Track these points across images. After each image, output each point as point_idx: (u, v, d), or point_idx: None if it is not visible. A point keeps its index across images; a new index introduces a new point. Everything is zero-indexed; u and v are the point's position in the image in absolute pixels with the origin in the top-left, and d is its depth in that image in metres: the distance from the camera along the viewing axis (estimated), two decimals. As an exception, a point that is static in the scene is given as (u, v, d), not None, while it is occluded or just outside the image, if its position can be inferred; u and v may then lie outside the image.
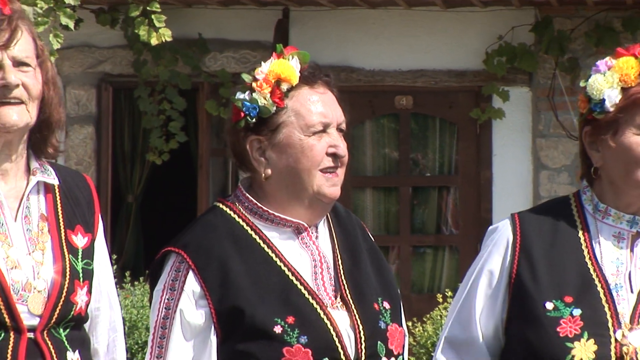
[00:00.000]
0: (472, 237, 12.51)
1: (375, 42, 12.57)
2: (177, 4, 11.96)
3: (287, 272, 4.53)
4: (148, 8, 11.47)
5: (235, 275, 4.51)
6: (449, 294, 11.03)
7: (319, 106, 4.55)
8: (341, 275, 4.58)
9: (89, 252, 4.46)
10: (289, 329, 4.46)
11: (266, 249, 4.55)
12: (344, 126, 4.53)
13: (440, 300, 10.96)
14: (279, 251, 4.54)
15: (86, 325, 4.50)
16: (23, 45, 4.28)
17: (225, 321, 4.46)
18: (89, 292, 4.44)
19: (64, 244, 4.43)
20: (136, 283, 11.07)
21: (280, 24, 12.38)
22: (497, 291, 4.57)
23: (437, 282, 12.52)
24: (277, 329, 4.41)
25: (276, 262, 4.54)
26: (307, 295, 4.50)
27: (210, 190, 12.75)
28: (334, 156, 4.51)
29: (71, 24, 11.04)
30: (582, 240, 4.55)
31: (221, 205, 4.55)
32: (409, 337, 5.22)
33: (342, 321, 4.48)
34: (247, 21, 12.50)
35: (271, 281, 4.51)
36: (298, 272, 4.50)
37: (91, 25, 12.11)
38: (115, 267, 11.24)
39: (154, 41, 11.49)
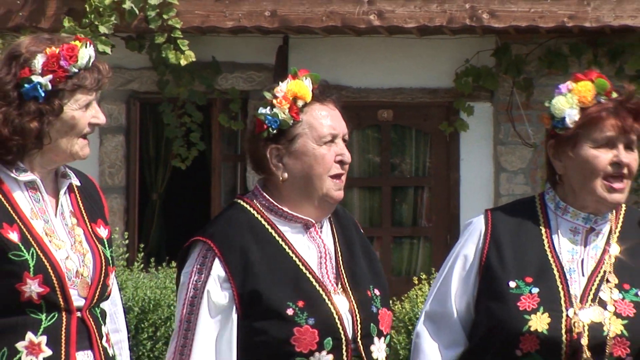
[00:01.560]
0: (443, 229, 12.57)
1: (361, 65, 12.57)
2: (194, 32, 12.04)
3: (297, 262, 4.46)
4: (172, 35, 11.78)
5: (254, 262, 4.44)
6: (424, 276, 11.02)
7: (329, 120, 4.53)
8: (341, 266, 4.49)
9: (110, 241, 4.48)
10: (299, 312, 4.42)
11: (280, 241, 4.48)
12: (347, 137, 4.54)
13: (416, 282, 10.91)
14: (290, 244, 4.48)
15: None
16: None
17: (245, 302, 4.42)
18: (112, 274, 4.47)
19: (92, 235, 4.40)
20: (159, 268, 11.29)
21: (281, 49, 12.46)
22: (469, 273, 4.56)
23: (413, 267, 12.41)
24: (290, 312, 4.38)
25: (288, 253, 4.47)
26: (314, 282, 4.44)
27: (222, 189, 12.74)
28: (341, 163, 4.49)
29: (107, 50, 11.48)
30: (543, 232, 4.54)
31: (241, 202, 4.53)
32: (389, 314, 5.42)
33: (342, 306, 4.43)
34: (253, 47, 12.55)
35: (284, 269, 4.45)
36: (307, 262, 4.45)
37: (121, 50, 12.08)
38: (142, 254, 11.22)
39: (182, 62, 11.79)
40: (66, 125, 4.27)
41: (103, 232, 4.44)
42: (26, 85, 4.23)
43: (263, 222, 4.48)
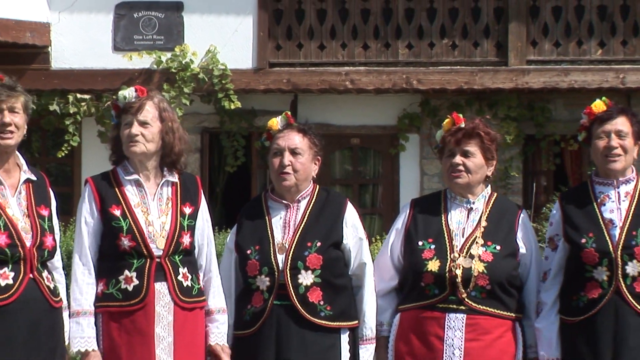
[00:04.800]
0: (390, 210, 12.48)
1: (341, 110, 12.63)
2: (241, 92, 12.24)
3: (267, 226, 4.65)
4: (227, 93, 12.07)
5: (247, 227, 4.66)
6: (378, 237, 11.14)
7: (279, 141, 4.66)
8: (298, 230, 4.62)
9: (192, 216, 4.53)
10: (253, 252, 4.58)
11: (265, 214, 4.67)
12: (297, 150, 4.64)
13: (374, 241, 10.90)
14: (270, 216, 4.68)
15: (196, 253, 4.57)
16: (145, 113, 4.44)
17: (236, 247, 4.65)
18: (192, 236, 4.52)
19: (179, 212, 4.48)
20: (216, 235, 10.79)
21: (292, 102, 12.61)
22: (398, 237, 4.73)
23: (372, 232, 11.88)
24: (248, 252, 4.60)
25: (266, 220, 4.66)
26: (269, 237, 4.61)
27: (258, 187, 12.64)
28: (280, 167, 4.64)
29: (188, 102, 12.15)
30: (441, 210, 4.69)
31: (262, 194, 4.81)
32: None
33: (280, 251, 4.58)
34: (276, 100, 12.44)
35: (257, 229, 4.64)
36: (272, 226, 4.64)
37: (197, 103, 12.43)
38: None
39: (232, 107, 12.12)
40: (122, 138, 4.49)
41: (187, 210, 4.50)
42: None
43: (263, 203, 4.71)
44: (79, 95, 12.12)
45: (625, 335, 4.47)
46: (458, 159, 4.59)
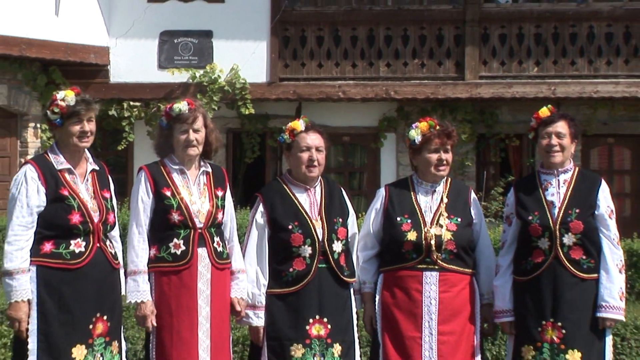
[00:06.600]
0: (373, 192, 9.45)
1: (335, 115, 12.44)
2: (257, 100, 12.20)
3: (297, 204, 4.54)
4: (245, 102, 11.98)
5: (276, 205, 4.53)
6: (363, 214, 9.99)
7: (307, 140, 4.55)
8: (323, 208, 4.55)
9: (222, 198, 4.51)
10: (294, 227, 4.47)
11: (291, 195, 4.56)
12: (320, 148, 4.58)
13: (360, 216, 10.31)
14: (296, 197, 4.56)
15: (223, 227, 4.55)
16: (198, 122, 4.44)
17: (271, 223, 4.51)
18: (223, 214, 4.50)
19: (213, 194, 4.45)
20: (238, 211, 10.63)
21: (297, 108, 12.51)
22: (378, 214, 4.66)
23: (359, 210, 11.51)
24: (290, 226, 4.47)
25: (294, 200, 4.55)
26: (304, 213, 4.51)
27: (271, 174, 12.54)
28: (310, 161, 4.53)
29: (216, 107, 12.00)
30: (411, 192, 4.61)
31: (278, 178, 4.70)
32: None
33: (317, 225, 4.49)
34: (285, 107, 12.45)
35: (290, 207, 4.54)
36: (302, 205, 4.54)
37: (224, 109, 12.37)
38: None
39: (248, 112, 12.01)
40: (175, 141, 4.43)
41: (220, 193, 4.47)
42: (161, 120, 4.52)
43: (284, 186, 4.57)
44: (131, 103, 12.15)
45: (562, 291, 4.46)
46: (443, 155, 4.56)
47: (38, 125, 11.66)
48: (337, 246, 4.48)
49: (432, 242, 4.49)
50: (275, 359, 4.42)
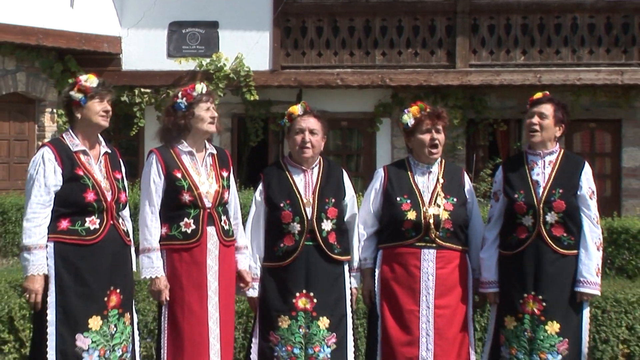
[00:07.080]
0: (369, 173, 11.70)
1: (334, 101, 12.34)
2: (260, 87, 12.13)
3: (292, 184, 4.52)
4: (249, 89, 11.95)
5: (273, 184, 4.53)
6: (360, 194, 10.50)
7: (301, 123, 4.54)
8: (316, 189, 4.52)
9: (227, 178, 4.51)
10: (285, 205, 4.47)
11: (288, 176, 4.55)
12: (315, 130, 4.54)
13: (358, 196, 10.45)
14: (292, 178, 4.55)
15: (228, 206, 4.55)
16: (213, 105, 4.44)
17: (267, 201, 4.52)
18: (229, 193, 4.49)
19: (219, 175, 4.45)
20: (242, 191, 10.63)
21: (298, 95, 12.41)
22: (377, 194, 4.62)
23: (356, 190, 11.58)
24: (281, 204, 4.49)
25: (289, 181, 4.54)
26: (297, 193, 4.50)
27: (273, 157, 12.51)
28: (303, 142, 4.51)
29: (221, 94, 11.91)
30: (408, 172, 4.57)
31: (280, 160, 4.73)
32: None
33: (307, 204, 4.47)
34: (287, 93, 12.39)
35: (285, 187, 4.53)
36: (297, 185, 4.52)
37: (229, 95, 12.33)
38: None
39: (252, 98, 12.01)
40: (198, 119, 4.36)
41: (225, 173, 4.48)
42: (176, 103, 4.43)
43: (284, 167, 4.58)
44: (142, 90, 12.14)
45: (544, 266, 4.47)
46: (435, 134, 4.53)
47: (54, 111, 11.70)
48: (327, 225, 4.45)
49: (431, 221, 4.47)
50: (265, 329, 4.44)
